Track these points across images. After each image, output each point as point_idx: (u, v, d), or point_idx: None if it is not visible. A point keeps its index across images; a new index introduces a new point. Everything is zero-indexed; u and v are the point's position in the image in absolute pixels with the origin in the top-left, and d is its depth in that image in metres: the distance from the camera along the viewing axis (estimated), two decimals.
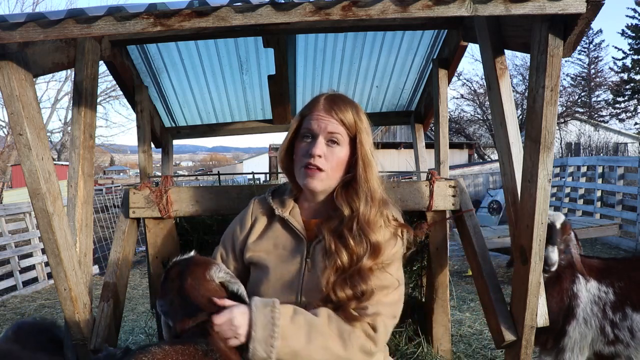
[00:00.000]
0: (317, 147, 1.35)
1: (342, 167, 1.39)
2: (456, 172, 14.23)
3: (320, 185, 1.38)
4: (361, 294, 1.29)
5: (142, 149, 2.54)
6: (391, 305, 1.35)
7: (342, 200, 1.38)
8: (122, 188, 15.46)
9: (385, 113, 3.22)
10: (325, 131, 1.36)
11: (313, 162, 1.36)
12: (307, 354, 1.24)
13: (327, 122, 1.37)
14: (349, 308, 1.29)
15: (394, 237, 1.40)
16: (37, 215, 1.59)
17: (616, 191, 7.84)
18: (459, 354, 3.14)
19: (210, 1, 1.27)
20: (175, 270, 1.31)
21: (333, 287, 1.30)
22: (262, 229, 1.50)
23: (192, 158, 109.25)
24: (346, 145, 1.39)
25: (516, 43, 1.66)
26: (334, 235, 1.35)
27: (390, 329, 1.37)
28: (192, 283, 1.27)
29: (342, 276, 1.31)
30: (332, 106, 1.38)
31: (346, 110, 1.38)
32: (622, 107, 27.27)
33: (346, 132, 1.38)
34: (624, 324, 2.13)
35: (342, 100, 1.41)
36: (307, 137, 1.39)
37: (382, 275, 1.34)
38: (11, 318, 4.88)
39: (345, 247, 1.32)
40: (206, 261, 1.36)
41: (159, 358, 1.08)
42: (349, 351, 1.26)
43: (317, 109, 1.39)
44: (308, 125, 1.39)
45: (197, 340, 1.17)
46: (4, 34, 1.29)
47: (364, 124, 1.40)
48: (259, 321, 1.21)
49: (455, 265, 6.35)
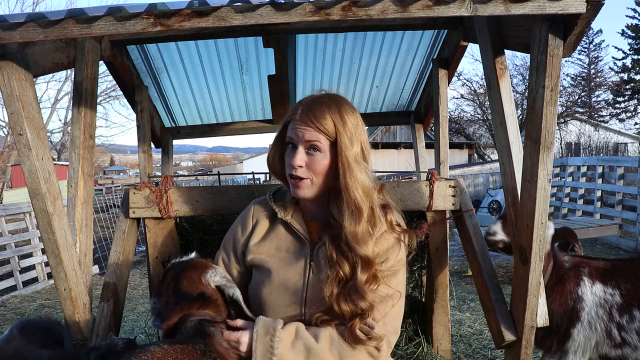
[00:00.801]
0: (296, 158, 1.33)
1: (325, 174, 1.35)
2: (456, 172, 14.23)
3: (308, 192, 1.36)
4: (362, 311, 1.27)
5: (142, 149, 2.54)
6: (396, 319, 1.36)
7: (337, 211, 1.34)
8: (122, 188, 15.47)
9: (385, 113, 3.22)
10: (304, 140, 1.32)
11: (295, 174, 1.34)
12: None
13: (304, 131, 1.32)
14: (356, 329, 1.27)
15: (397, 243, 1.38)
16: (37, 215, 1.58)
17: (616, 191, 7.84)
18: (459, 354, 3.14)
19: (210, 1, 1.27)
20: (172, 273, 1.32)
21: (337, 299, 1.29)
22: (264, 232, 1.49)
23: (192, 158, 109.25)
24: (327, 151, 1.33)
25: (516, 43, 1.66)
26: (334, 245, 1.34)
27: (393, 345, 1.37)
28: (187, 286, 1.27)
29: (344, 289, 1.30)
30: (309, 114, 1.32)
31: (323, 117, 1.30)
32: (622, 107, 27.30)
33: (326, 138, 1.32)
34: (632, 327, 2.09)
35: (320, 105, 1.33)
36: (289, 146, 1.38)
37: (386, 286, 1.32)
38: (11, 318, 4.88)
39: (346, 258, 1.31)
40: (203, 264, 1.36)
41: (159, 357, 1.08)
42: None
43: (295, 117, 1.35)
44: (290, 134, 1.36)
45: (195, 340, 1.18)
46: (4, 34, 1.29)
47: (347, 127, 1.32)
48: (258, 350, 1.25)
49: (455, 265, 6.35)
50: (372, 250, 1.30)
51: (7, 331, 1.86)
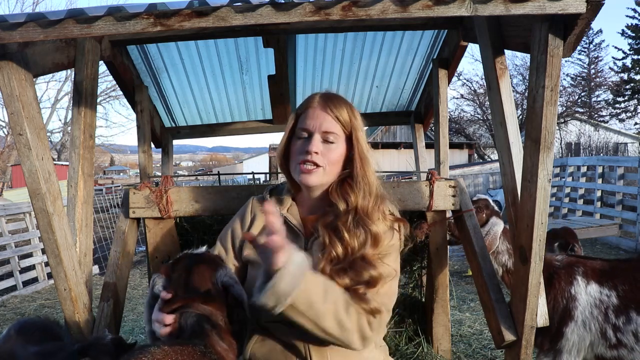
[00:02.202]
0: (313, 144, 1.37)
1: (339, 164, 1.41)
2: (456, 172, 14.23)
3: (317, 180, 1.39)
4: (371, 279, 1.31)
5: (142, 149, 2.54)
6: (386, 296, 1.36)
7: (337, 195, 1.40)
8: (122, 188, 15.46)
9: (385, 113, 3.22)
10: (321, 129, 1.38)
11: (310, 159, 1.37)
12: (321, 310, 1.22)
13: (322, 120, 1.38)
14: (359, 292, 1.30)
15: (390, 230, 1.42)
16: (37, 215, 1.59)
17: (616, 191, 7.85)
18: (459, 354, 3.15)
19: (210, 1, 1.27)
20: (184, 264, 1.32)
21: (330, 276, 1.31)
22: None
23: (192, 158, 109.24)
24: (342, 142, 1.40)
25: (516, 43, 1.66)
26: (328, 229, 1.37)
27: (384, 323, 1.38)
28: (198, 280, 1.27)
29: (338, 266, 1.32)
30: (328, 103, 1.39)
31: (341, 107, 1.39)
32: (622, 107, 27.30)
33: (342, 129, 1.39)
34: (628, 328, 2.08)
35: (337, 98, 1.43)
36: (303, 135, 1.41)
37: (379, 265, 1.35)
38: (11, 318, 4.88)
39: (340, 239, 1.34)
40: (215, 261, 1.36)
41: (159, 358, 1.08)
42: (351, 324, 1.26)
43: (312, 106, 1.41)
44: (303, 124, 1.40)
45: (195, 341, 1.18)
46: (4, 34, 1.29)
47: (358, 122, 1.42)
48: (295, 257, 1.17)
49: (455, 265, 6.35)
50: (382, 229, 1.37)
51: (5, 331, 1.86)
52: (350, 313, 1.26)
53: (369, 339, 1.32)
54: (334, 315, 1.24)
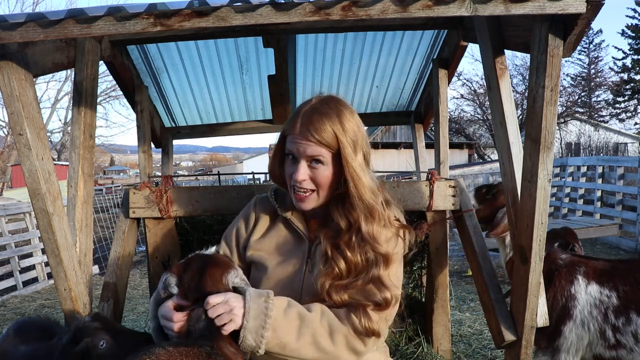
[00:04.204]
0: (299, 173, 1.32)
1: (331, 184, 1.36)
2: (456, 172, 14.23)
3: (312, 205, 1.38)
4: (383, 301, 1.30)
5: (142, 149, 2.54)
6: (387, 322, 1.36)
7: (338, 214, 1.36)
8: (122, 188, 15.46)
9: (385, 113, 3.22)
10: (305, 155, 1.32)
11: (299, 186, 1.35)
12: (296, 347, 1.25)
13: (305, 146, 1.31)
14: (368, 309, 1.29)
15: (395, 237, 1.40)
16: (37, 215, 1.59)
17: (616, 191, 7.84)
18: (459, 354, 3.15)
19: (210, 1, 1.27)
20: (196, 266, 1.31)
21: (328, 292, 1.31)
22: (265, 228, 1.51)
23: (192, 158, 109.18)
24: (330, 163, 1.33)
25: (516, 43, 1.66)
26: (330, 243, 1.35)
27: (382, 339, 1.39)
28: (209, 283, 1.27)
29: (340, 282, 1.31)
30: (309, 128, 1.29)
31: (323, 129, 1.29)
32: (622, 107, 27.31)
33: (327, 151, 1.31)
34: (628, 329, 2.07)
35: (320, 116, 1.30)
36: (289, 157, 1.37)
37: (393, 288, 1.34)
38: (11, 318, 4.88)
39: (343, 257, 1.32)
40: (226, 263, 1.35)
41: (163, 359, 1.08)
42: (337, 348, 1.27)
43: (294, 131, 1.32)
44: (289, 147, 1.35)
45: (200, 343, 1.17)
46: (4, 34, 1.29)
47: (348, 135, 1.31)
48: (252, 310, 1.22)
49: (455, 265, 6.35)
50: (386, 239, 1.36)
51: (4, 331, 1.86)
52: (335, 339, 1.27)
53: (363, 353, 1.33)
54: (314, 346, 1.26)
